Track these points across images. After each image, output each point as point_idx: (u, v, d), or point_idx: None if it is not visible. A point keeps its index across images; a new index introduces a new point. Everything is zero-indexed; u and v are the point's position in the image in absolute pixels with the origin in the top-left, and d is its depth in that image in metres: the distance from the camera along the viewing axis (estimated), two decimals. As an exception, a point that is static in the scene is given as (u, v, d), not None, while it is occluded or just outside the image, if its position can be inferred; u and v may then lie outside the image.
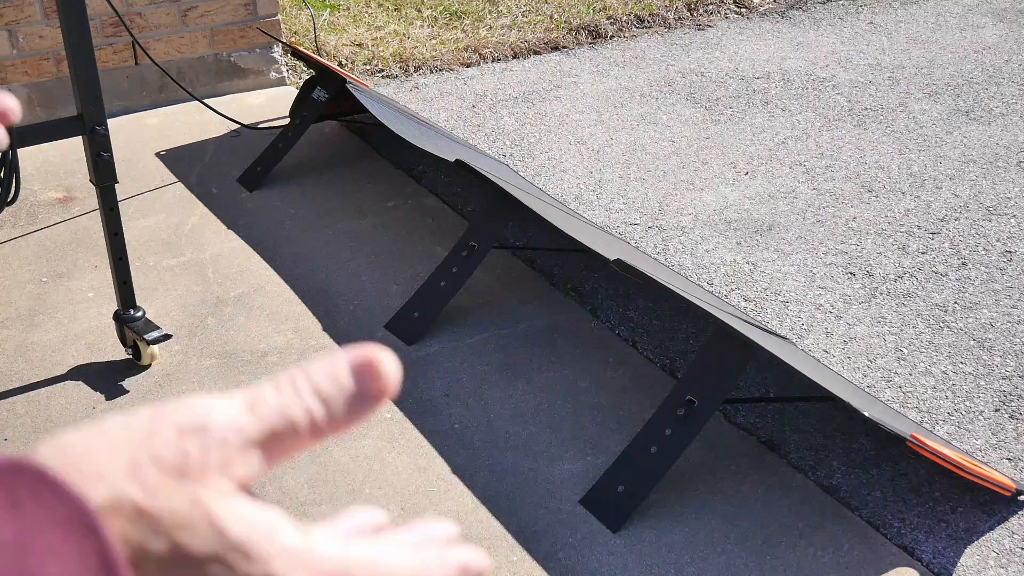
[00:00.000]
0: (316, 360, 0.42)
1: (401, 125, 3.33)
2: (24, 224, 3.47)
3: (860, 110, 4.36)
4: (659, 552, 2.17)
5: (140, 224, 3.45)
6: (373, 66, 4.83)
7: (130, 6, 4.16)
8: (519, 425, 2.53)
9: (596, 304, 3.04)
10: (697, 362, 2.31)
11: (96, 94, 2.52)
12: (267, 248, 3.30)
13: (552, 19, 5.33)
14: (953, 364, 2.77)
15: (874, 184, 3.74)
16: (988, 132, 4.14)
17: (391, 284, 3.11)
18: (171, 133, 4.12)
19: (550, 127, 4.23)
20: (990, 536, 2.22)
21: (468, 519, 2.25)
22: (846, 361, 2.79)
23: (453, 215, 3.51)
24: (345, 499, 2.30)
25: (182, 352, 2.80)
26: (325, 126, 4.18)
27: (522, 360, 2.77)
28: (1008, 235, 3.39)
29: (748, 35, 5.28)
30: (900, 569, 2.13)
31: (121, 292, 2.71)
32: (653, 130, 4.20)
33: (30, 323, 2.93)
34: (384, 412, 2.57)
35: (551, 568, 2.13)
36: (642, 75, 4.76)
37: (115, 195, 2.63)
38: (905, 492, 2.34)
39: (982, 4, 5.65)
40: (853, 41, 5.16)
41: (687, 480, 2.36)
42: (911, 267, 3.22)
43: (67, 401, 2.61)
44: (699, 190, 3.71)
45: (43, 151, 3.98)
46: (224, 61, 4.42)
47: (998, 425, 2.55)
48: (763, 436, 2.51)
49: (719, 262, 3.25)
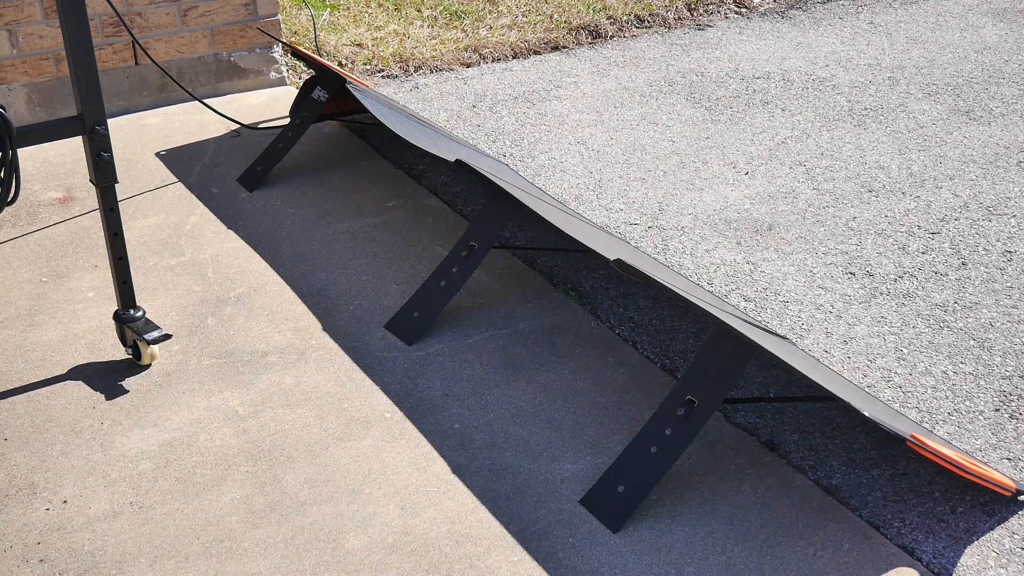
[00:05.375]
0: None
1: (401, 125, 3.33)
2: (24, 224, 3.47)
3: (860, 110, 4.36)
4: (659, 552, 2.17)
5: (140, 224, 3.45)
6: (373, 66, 4.82)
7: (130, 6, 4.16)
8: (519, 425, 2.53)
9: (596, 304, 3.04)
10: (697, 362, 2.31)
11: (96, 94, 2.52)
12: (267, 248, 3.30)
13: (552, 19, 5.33)
14: (953, 364, 2.77)
15: (874, 184, 3.74)
16: (988, 132, 4.14)
17: (391, 284, 3.11)
18: (171, 133, 4.12)
19: (550, 127, 4.23)
20: (990, 536, 2.22)
21: (468, 519, 2.25)
22: (846, 361, 2.79)
23: (453, 215, 3.51)
24: (345, 499, 2.30)
25: (182, 352, 2.80)
26: (325, 126, 4.18)
27: (522, 360, 2.77)
28: (1008, 235, 3.39)
29: (748, 35, 5.28)
30: (900, 569, 2.13)
31: (121, 292, 2.71)
32: (653, 130, 4.19)
33: (30, 323, 2.93)
34: (384, 412, 2.57)
35: (551, 568, 2.13)
36: (642, 75, 4.76)
37: (115, 195, 2.63)
38: (905, 492, 2.34)
39: (982, 4, 5.65)
40: (853, 41, 5.16)
41: (687, 480, 2.36)
42: (911, 267, 3.22)
43: (67, 401, 2.61)
44: (699, 190, 3.71)
45: (43, 151, 3.98)
46: (224, 61, 4.42)
47: (998, 425, 2.55)
48: (763, 436, 2.51)
49: (719, 262, 3.26)
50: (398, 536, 2.20)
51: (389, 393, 2.64)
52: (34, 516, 2.26)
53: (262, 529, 2.22)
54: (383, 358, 2.78)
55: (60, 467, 2.40)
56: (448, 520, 2.24)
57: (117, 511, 2.27)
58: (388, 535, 2.20)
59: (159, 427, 2.52)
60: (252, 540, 2.19)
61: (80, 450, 2.45)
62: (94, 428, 2.52)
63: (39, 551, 2.17)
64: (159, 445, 2.46)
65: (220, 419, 2.55)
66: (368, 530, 2.21)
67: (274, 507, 2.28)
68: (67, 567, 2.13)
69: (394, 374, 2.71)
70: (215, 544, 2.19)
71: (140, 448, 2.45)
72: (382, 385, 2.67)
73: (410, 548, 2.17)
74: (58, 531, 2.22)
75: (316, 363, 2.75)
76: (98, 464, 2.41)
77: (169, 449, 2.45)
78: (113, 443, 2.47)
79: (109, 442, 2.47)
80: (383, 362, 2.76)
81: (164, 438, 2.49)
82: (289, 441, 2.48)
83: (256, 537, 2.20)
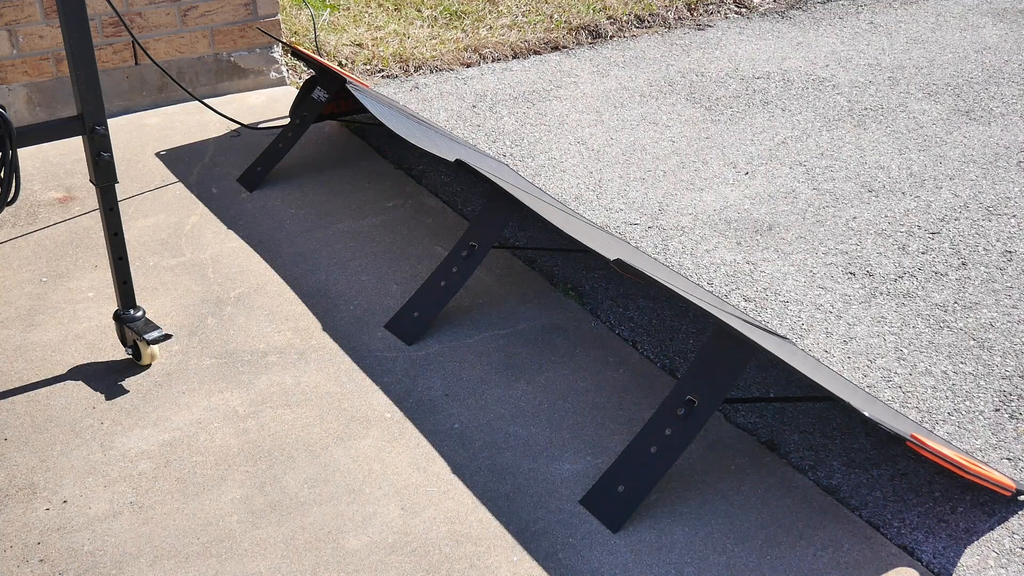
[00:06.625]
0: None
1: (401, 125, 3.33)
2: (24, 224, 3.47)
3: (860, 110, 4.36)
4: (659, 552, 2.17)
5: (140, 224, 3.45)
6: (373, 66, 4.83)
7: (130, 6, 4.16)
8: (519, 425, 2.53)
9: (596, 304, 3.04)
10: (697, 362, 2.31)
11: (96, 94, 2.52)
12: (267, 248, 3.30)
13: (552, 19, 5.33)
14: (953, 364, 2.77)
15: (874, 184, 3.74)
16: (988, 132, 4.14)
17: (391, 284, 3.11)
18: (171, 133, 4.12)
19: (550, 127, 4.23)
20: (990, 536, 2.22)
21: (468, 519, 2.25)
22: (846, 361, 2.79)
23: (453, 215, 3.51)
24: (345, 499, 2.30)
25: (182, 352, 2.80)
26: (325, 126, 4.19)
27: (522, 360, 2.77)
28: (1008, 235, 3.39)
29: (748, 35, 5.28)
30: (900, 569, 2.13)
31: (121, 292, 2.71)
32: (653, 130, 4.20)
33: (30, 323, 2.93)
34: (384, 412, 2.57)
35: (551, 568, 2.13)
36: (642, 75, 4.76)
37: (115, 195, 2.63)
38: (905, 492, 2.34)
39: (982, 4, 5.65)
40: (853, 41, 5.16)
41: (687, 480, 2.36)
42: (911, 267, 3.22)
43: (67, 401, 2.61)
44: (699, 190, 3.71)
45: (43, 151, 3.98)
46: (224, 61, 4.42)
47: (998, 425, 2.55)
48: (763, 436, 2.51)
49: (719, 262, 3.26)
50: (398, 536, 2.20)
51: (389, 393, 2.64)
52: (34, 516, 2.26)
53: (262, 529, 2.22)
54: (383, 358, 2.78)
55: (60, 467, 2.40)
56: (448, 520, 2.24)
57: (117, 511, 2.27)
58: (388, 535, 2.20)
59: (159, 427, 2.52)
60: (252, 540, 2.19)
61: (80, 450, 2.45)
62: (94, 428, 2.52)
63: (39, 551, 2.17)
64: (159, 445, 2.46)
65: (220, 419, 2.55)
66: (368, 530, 2.22)
67: (274, 507, 2.28)
68: (67, 567, 2.13)
69: (394, 374, 2.71)
70: (215, 544, 2.19)
71: (140, 448, 2.45)
72: (382, 385, 2.67)
73: (410, 548, 2.17)
74: (58, 531, 2.22)
75: (316, 363, 2.75)
76: (98, 464, 2.41)
77: (169, 449, 2.45)
78: (113, 443, 2.47)
79: (109, 442, 2.47)
80: (383, 362, 2.76)
81: (164, 438, 2.49)
82: (289, 441, 2.48)
83: (256, 537, 2.20)
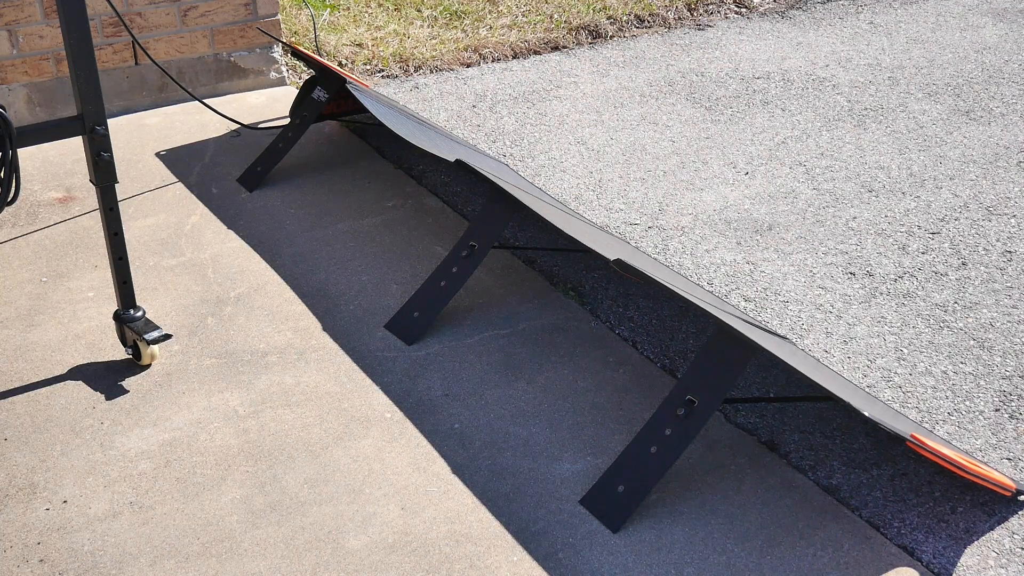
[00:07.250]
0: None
1: (401, 125, 3.33)
2: (24, 224, 3.47)
3: (860, 110, 4.36)
4: (659, 552, 2.17)
5: (140, 224, 3.45)
6: (373, 66, 4.83)
7: (130, 6, 4.16)
8: (519, 425, 2.53)
9: (596, 304, 3.04)
10: (697, 362, 2.31)
11: (96, 94, 2.52)
12: (267, 248, 3.30)
13: (552, 19, 5.33)
14: (953, 364, 2.77)
15: (874, 184, 3.74)
16: (988, 132, 4.14)
17: (391, 284, 3.11)
18: (171, 133, 4.12)
19: (550, 127, 4.23)
20: (990, 536, 2.22)
21: (468, 519, 2.25)
22: (846, 361, 2.79)
23: (453, 215, 3.51)
24: (345, 499, 2.30)
25: (182, 352, 2.80)
26: (325, 126, 4.19)
27: (522, 360, 2.77)
28: (1008, 235, 3.39)
29: (748, 35, 5.28)
30: (900, 569, 2.13)
31: (121, 292, 2.71)
32: (653, 130, 4.20)
33: (30, 323, 2.93)
34: (384, 412, 2.57)
35: (551, 568, 2.13)
36: (642, 75, 4.76)
37: (115, 195, 2.63)
38: (905, 492, 2.34)
39: (982, 4, 5.65)
40: (853, 41, 5.16)
41: (687, 480, 2.36)
42: (911, 267, 3.22)
43: (67, 401, 2.61)
44: (699, 190, 3.71)
45: (43, 151, 3.98)
46: (224, 61, 4.42)
47: (998, 425, 2.55)
48: (763, 436, 2.51)
49: (719, 262, 3.26)
50: (398, 536, 2.20)
51: (389, 393, 2.64)
52: (34, 516, 2.26)
53: (262, 529, 2.22)
54: (383, 358, 2.78)
55: (60, 467, 2.40)
56: (448, 520, 2.24)
57: (117, 511, 2.27)
58: (388, 535, 2.20)
59: (159, 427, 2.52)
60: (252, 540, 2.19)
61: (80, 450, 2.45)
62: (94, 428, 2.52)
63: (39, 551, 2.17)
64: (159, 445, 2.46)
65: (220, 419, 2.55)
66: (368, 530, 2.22)
67: (274, 507, 2.28)
68: (67, 567, 2.13)
69: (394, 374, 2.71)
70: (215, 544, 2.19)
71: (140, 448, 2.45)
72: (382, 385, 2.67)
73: (410, 548, 2.17)
74: (58, 531, 2.22)
75: (316, 363, 2.75)
76: (98, 464, 2.41)
77: (169, 449, 2.45)
78: (113, 443, 2.47)
79: (109, 442, 2.47)
80: (383, 362, 2.76)
81: (164, 438, 2.49)
82: (289, 441, 2.48)
83: (256, 537, 2.20)
